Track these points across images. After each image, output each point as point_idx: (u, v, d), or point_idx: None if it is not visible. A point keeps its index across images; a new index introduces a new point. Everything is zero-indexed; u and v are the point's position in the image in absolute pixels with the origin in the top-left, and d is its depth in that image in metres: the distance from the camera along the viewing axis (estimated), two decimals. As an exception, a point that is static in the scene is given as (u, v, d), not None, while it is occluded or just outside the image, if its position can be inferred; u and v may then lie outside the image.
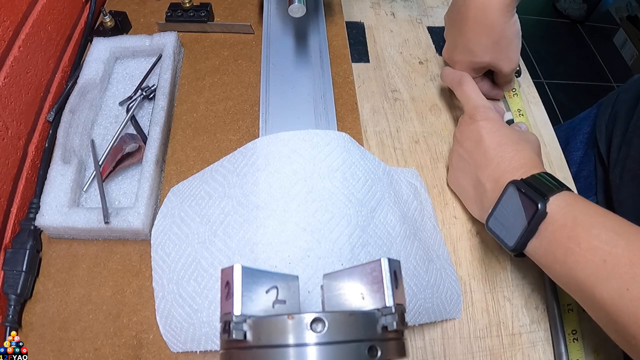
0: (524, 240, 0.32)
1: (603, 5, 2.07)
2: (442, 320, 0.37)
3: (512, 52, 0.43)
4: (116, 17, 0.52)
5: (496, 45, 0.42)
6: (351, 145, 0.37)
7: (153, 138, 0.41)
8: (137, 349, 0.34)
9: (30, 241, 0.37)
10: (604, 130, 0.53)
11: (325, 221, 0.33)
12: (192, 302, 0.33)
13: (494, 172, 0.36)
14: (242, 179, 0.35)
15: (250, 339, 0.20)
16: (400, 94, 0.51)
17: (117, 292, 0.37)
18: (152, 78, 0.48)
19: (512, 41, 0.43)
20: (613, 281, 0.27)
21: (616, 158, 0.49)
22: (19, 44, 0.40)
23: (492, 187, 0.36)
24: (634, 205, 0.44)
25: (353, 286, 0.23)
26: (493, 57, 0.43)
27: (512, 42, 0.43)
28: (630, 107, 0.49)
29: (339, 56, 0.51)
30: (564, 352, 0.36)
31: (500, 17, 0.40)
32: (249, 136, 0.45)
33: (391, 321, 0.20)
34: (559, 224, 0.30)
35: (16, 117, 0.39)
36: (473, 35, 0.43)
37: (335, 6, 0.56)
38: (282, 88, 0.45)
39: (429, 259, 0.37)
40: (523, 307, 0.38)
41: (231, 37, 0.53)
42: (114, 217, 0.37)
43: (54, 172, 0.39)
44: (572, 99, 1.69)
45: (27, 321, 0.35)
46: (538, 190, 0.31)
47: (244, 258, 0.32)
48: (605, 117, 0.54)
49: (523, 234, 0.31)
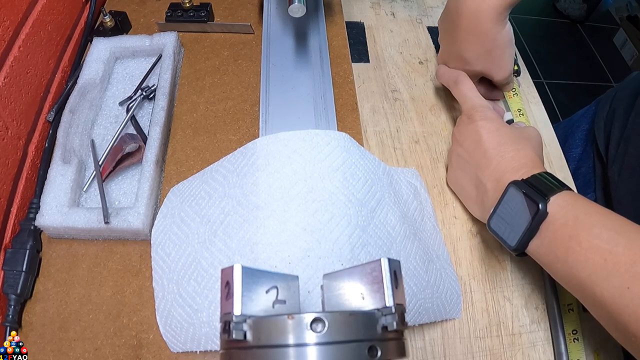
0: (526, 240, 0.32)
1: (603, 5, 2.07)
2: (442, 320, 0.37)
3: (504, 61, 0.43)
4: (116, 17, 0.52)
5: (489, 54, 0.42)
6: (351, 145, 0.37)
7: (153, 138, 0.41)
8: (137, 349, 0.34)
9: (30, 241, 0.37)
10: (602, 127, 0.53)
11: (325, 221, 0.33)
12: (192, 302, 0.33)
13: (494, 172, 0.36)
14: (242, 179, 0.35)
15: (250, 339, 0.20)
16: (400, 94, 0.51)
17: (117, 292, 0.37)
18: (152, 78, 0.48)
19: (504, 50, 0.42)
20: (614, 280, 0.27)
21: (614, 155, 0.49)
22: (19, 44, 0.40)
23: (493, 187, 0.36)
24: (633, 202, 0.44)
25: (353, 286, 0.23)
26: (485, 65, 0.43)
27: (504, 50, 0.42)
28: (628, 104, 0.49)
29: (339, 56, 0.51)
30: (564, 352, 0.36)
31: (493, 26, 0.40)
32: (249, 136, 0.45)
33: (391, 321, 0.20)
34: (560, 223, 0.30)
35: (16, 117, 0.39)
36: (465, 43, 0.42)
37: (335, 6, 0.56)
38: (282, 88, 0.45)
39: (429, 259, 0.37)
40: (523, 307, 0.38)
41: (231, 37, 0.53)
42: (114, 217, 0.37)
43: (54, 172, 0.39)
44: (572, 99, 1.69)
45: (27, 321, 0.35)
46: (539, 190, 0.32)
47: (244, 258, 0.32)
48: (604, 114, 0.54)
49: (525, 233, 0.32)
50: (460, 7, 0.41)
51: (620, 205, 0.46)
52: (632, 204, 0.44)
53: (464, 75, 0.43)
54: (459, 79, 0.43)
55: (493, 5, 0.39)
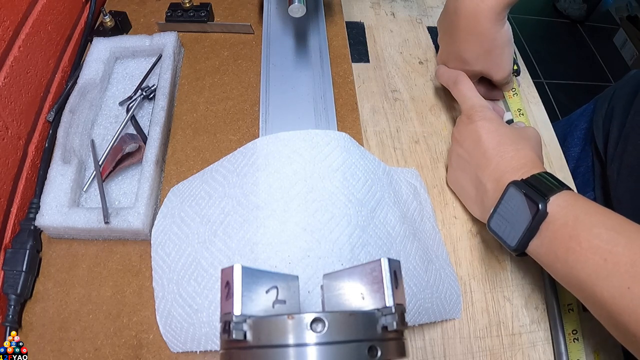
0: (526, 240, 0.32)
1: (603, 5, 2.07)
2: (442, 320, 0.37)
3: (503, 61, 0.43)
4: (116, 17, 0.52)
5: (488, 54, 0.42)
6: (351, 145, 0.37)
7: (153, 138, 0.41)
8: (137, 349, 0.34)
9: (30, 241, 0.37)
10: (601, 126, 0.53)
11: (325, 221, 0.33)
12: (192, 302, 0.33)
13: (494, 172, 0.36)
14: (242, 179, 0.35)
15: (250, 339, 0.20)
16: (400, 94, 0.51)
17: (117, 292, 0.37)
18: (152, 78, 0.48)
19: (503, 49, 0.42)
20: (614, 280, 0.27)
21: (613, 153, 0.49)
22: (19, 44, 0.40)
23: (493, 187, 0.36)
24: (632, 200, 0.44)
25: (353, 286, 0.23)
26: (485, 65, 0.43)
27: (503, 50, 0.42)
28: (627, 102, 0.49)
29: (339, 56, 0.51)
30: (564, 352, 0.36)
31: (492, 26, 0.40)
32: (249, 136, 0.45)
33: (391, 321, 0.20)
34: (560, 223, 0.30)
35: (16, 117, 0.39)
36: (464, 44, 0.42)
37: (335, 6, 0.56)
38: (282, 88, 0.45)
39: (429, 259, 0.37)
40: (523, 307, 0.38)
41: (231, 37, 0.53)
42: (114, 217, 0.37)
43: (54, 172, 0.39)
44: (572, 99, 1.69)
45: (27, 321, 0.35)
46: (539, 190, 0.32)
47: (244, 258, 0.32)
48: (602, 112, 0.54)
49: (525, 233, 0.32)
50: (459, 7, 0.41)
51: (619, 204, 0.46)
52: (631, 202, 0.44)
53: (463, 75, 0.43)
54: (459, 79, 0.43)
55: (491, 5, 0.39)
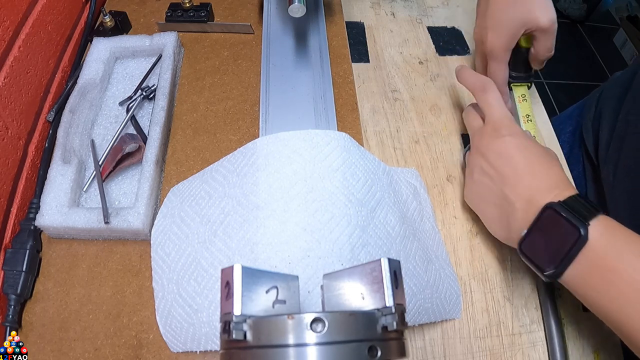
0: (564, 267, 0.30)
1: (603, 5, 2.07)
2: (442, 320, 0.37)
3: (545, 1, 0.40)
4: (116, 17, 0.52)
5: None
6: (351, 145, 0.37)
7: (153, 138, 0.41)
8: (137, 349, 0.34)
9: (30, 241, 0.37)
10: (590, 129, 0.52)
11: (325, 221, 0.33)
12: (192, 302, 0.33)
13: (525, 191, 0.34)
14: (242, 179, 0.35)
15: (250, 339, 0.20)
16: (400, 94, 0.50)
17: (117, 292, 0.37)
18: (152, 78, 0.48)
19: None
20: None
21: (605, 156, 0.47)
22: (19, 44, 0.40)
23: (524, 207, 0.34)
24: (629, 202, 0.43)
25: (353, 286, 0.23)
26: (525, 7, 0.40)
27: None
28: (616, 103, 0.48)
29: (339, 56, 0.51)
30: (560, 352, 0.36)
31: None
32: (249, 136, 0.45)
33: (391, 321, 0.20)
34: (600, 252, 0.29)
35: (16, 117, 0.39)
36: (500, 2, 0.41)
37: (335, 6, 0.56)
38: (282, 88, 0.45)
39: (428, 259, 0.37)
40: (523, 307, 0.38)
41: (231, 37, 0.53)
42: (114, 217, 0.37)
43: (54, 172, 0.39)
44: (571, 99, 1.68)
45: (27, 321, 0.35)
46: (579, 213, 0.30)
47: (244, 258, 0.32)
48: (590, 115, 0.52)
49: (563, 260, 0.30)
50: None
51: (615, 206, 0.46)
52: (628, 203, 0.44)
53: (491, 83, 0.40)
54: (487, 86, 0.40)
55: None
